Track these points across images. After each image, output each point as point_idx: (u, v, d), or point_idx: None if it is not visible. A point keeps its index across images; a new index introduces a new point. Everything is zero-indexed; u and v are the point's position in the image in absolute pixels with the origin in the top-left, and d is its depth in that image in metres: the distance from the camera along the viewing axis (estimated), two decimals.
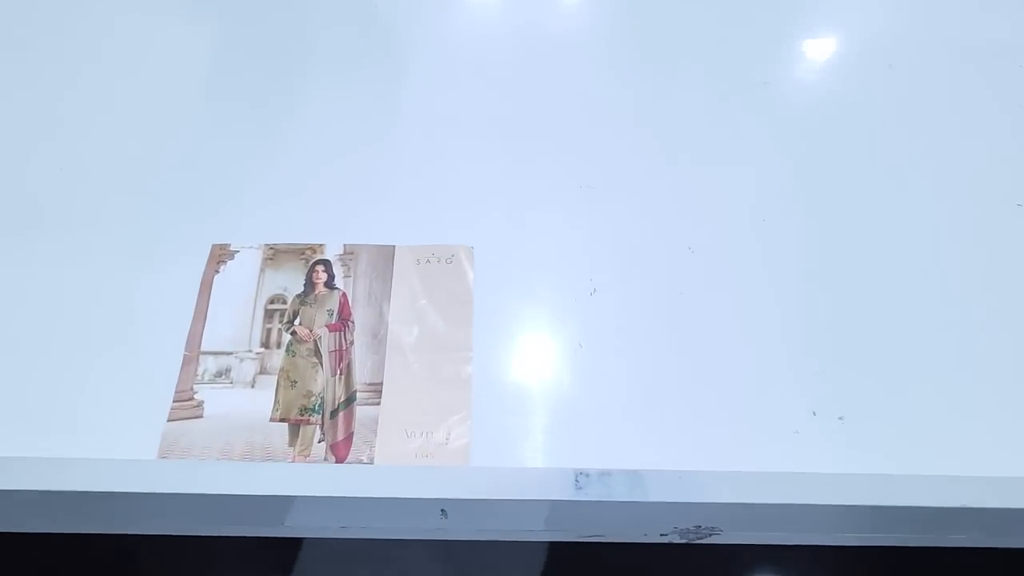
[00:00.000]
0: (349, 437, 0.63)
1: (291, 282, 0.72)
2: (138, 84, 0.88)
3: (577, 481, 0.58)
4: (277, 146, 0.82)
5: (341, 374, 0.67)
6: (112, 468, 0.57)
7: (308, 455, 0.63)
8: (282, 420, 0.64)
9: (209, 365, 0.67)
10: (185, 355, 0.68)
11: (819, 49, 0.95)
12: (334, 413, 0.65)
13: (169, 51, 0.92)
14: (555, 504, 0.58)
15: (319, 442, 0.63)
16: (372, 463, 0.62)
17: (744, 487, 0.58)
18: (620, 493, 0.57)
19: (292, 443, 0.63)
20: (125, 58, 0.91)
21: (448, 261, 0.74)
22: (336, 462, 0.62)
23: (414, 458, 0.62)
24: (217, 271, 0.73)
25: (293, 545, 1.16)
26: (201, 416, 0.65)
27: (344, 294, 0.72)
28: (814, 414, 0.65)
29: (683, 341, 0.69)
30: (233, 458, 0.62)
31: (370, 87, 0.88)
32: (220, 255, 0.74)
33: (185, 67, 0.90)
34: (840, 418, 0.65)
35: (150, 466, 0.59)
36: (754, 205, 0.78)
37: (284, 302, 0.71)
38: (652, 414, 0.64)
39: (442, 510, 0.58)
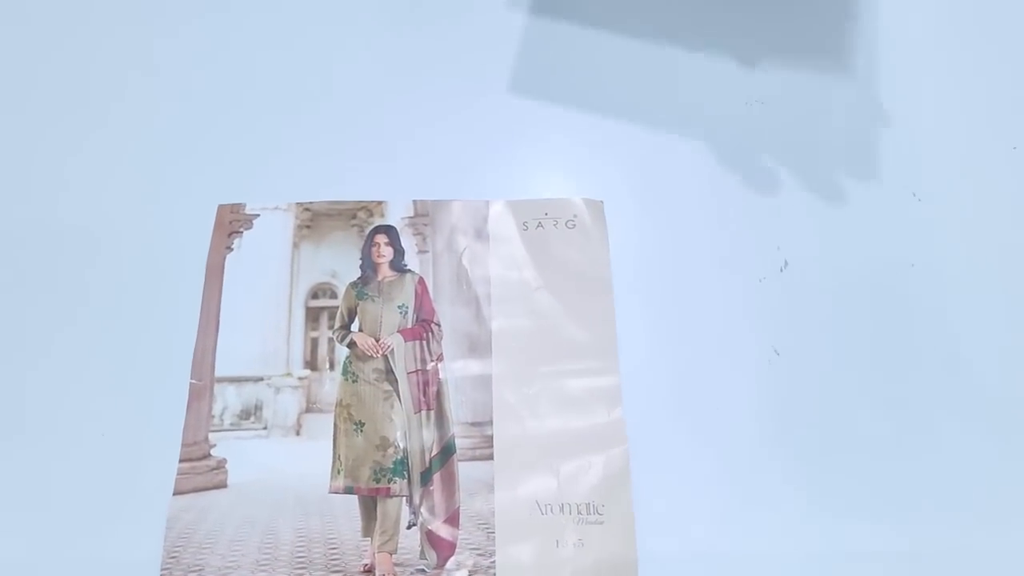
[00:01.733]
0: (454, 516, 0.42)
1: (341, 263, 0.49)
2: None
3: None
4: (313, 64, 0.56)
5: (429, 409, 0.44)
6: None
7: (394, 550, 0.41)
8: (348, 491, 0.42)
9: (230, 399, 0.45)
10: (192, 384, 0.45)
11: None
12: (426, 475, 0.43)
13: None
14: None
15: (409, 527, 0.41)
16: (494, 566, 0.40)
17: None
18: None
19: (368, 530, 0.41)
20: None
21: (569, 224, 0.50)
22: (438, 562, 0.40)
23: (556, 548, 0.41)
24: (229, 248, 0.49)
25: None
26: (224, 485, 0.43)
27: (422, 280, 0.48)
28: None
29: (929, 340, 0.47)
30: (279, 558, 0.40)
31: None
32: (232, 222, 0.50)
33: None
34: None
35: None
36: (1005, 128, 0.53)
37: (334, 295, 0.48)
38: (907, 472, 0.42)
39: None
